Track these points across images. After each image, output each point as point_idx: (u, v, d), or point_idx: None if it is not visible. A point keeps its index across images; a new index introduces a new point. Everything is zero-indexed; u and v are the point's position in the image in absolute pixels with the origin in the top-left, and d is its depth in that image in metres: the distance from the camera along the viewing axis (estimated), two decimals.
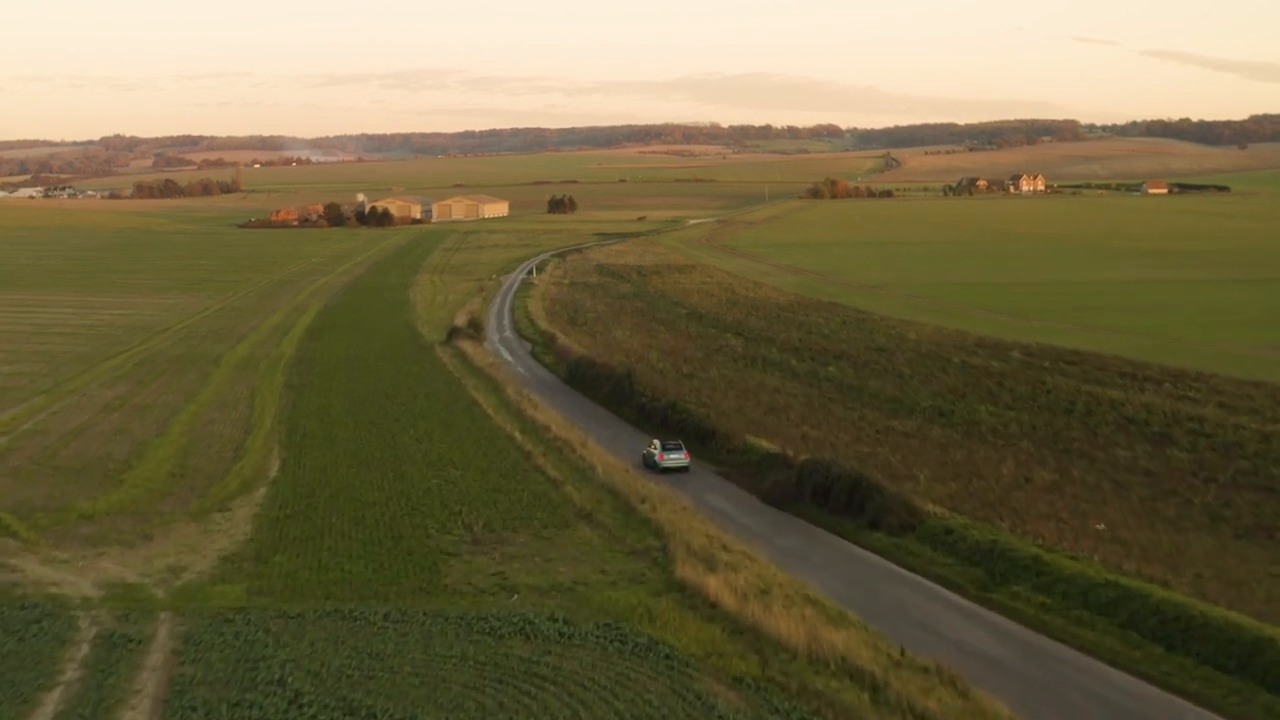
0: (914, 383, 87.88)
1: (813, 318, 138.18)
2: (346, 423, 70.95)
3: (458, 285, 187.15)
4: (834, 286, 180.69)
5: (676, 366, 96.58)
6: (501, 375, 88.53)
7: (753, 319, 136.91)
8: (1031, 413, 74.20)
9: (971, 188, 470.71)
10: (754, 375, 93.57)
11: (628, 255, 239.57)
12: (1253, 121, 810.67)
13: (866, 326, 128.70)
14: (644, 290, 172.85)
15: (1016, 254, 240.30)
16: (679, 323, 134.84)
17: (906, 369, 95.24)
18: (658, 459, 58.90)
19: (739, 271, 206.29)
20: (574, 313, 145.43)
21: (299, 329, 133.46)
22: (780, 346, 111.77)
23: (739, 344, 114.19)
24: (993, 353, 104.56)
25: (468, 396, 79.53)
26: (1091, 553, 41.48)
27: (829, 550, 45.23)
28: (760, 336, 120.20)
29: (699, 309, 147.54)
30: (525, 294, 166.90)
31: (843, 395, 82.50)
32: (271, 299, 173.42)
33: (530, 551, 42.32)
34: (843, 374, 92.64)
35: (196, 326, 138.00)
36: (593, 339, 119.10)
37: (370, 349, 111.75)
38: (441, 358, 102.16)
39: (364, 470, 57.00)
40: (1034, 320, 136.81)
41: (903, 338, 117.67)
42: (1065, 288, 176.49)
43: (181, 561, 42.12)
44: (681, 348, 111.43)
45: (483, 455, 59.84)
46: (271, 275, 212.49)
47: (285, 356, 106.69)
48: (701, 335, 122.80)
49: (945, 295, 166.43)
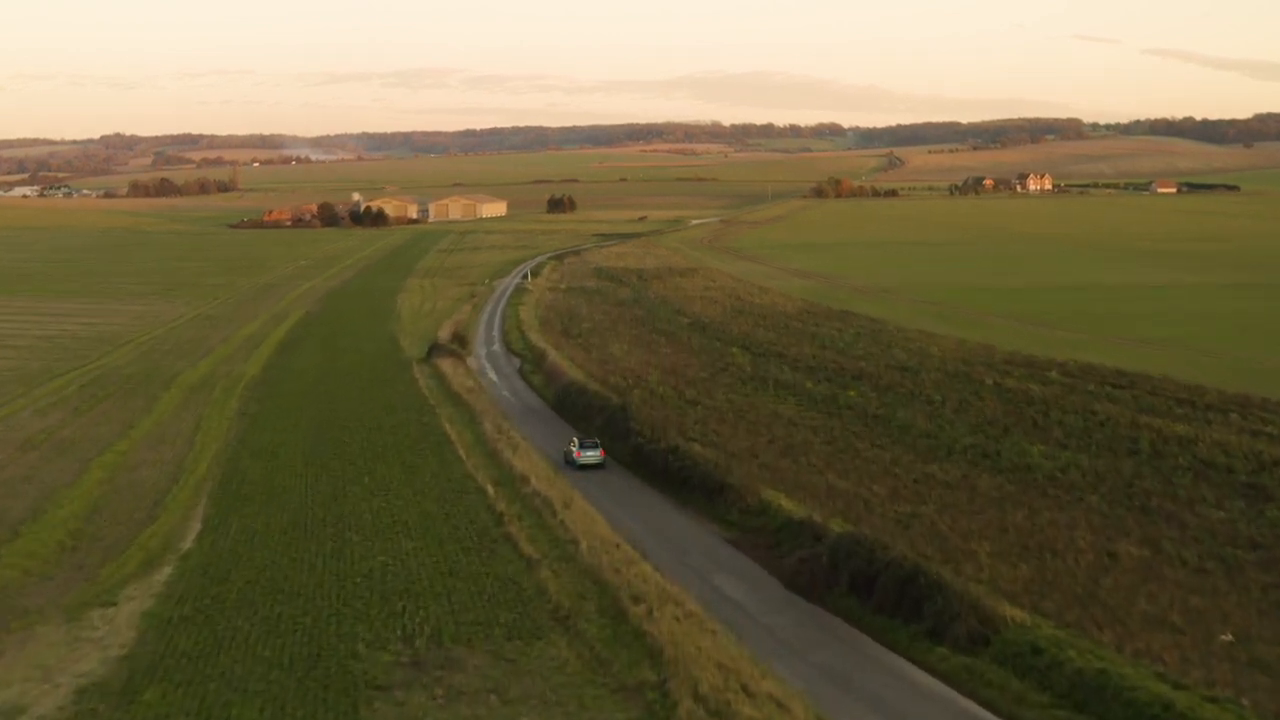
0: (947, 412, 77.04)
1: (824, 328, 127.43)
2: (294, 467, 60.17)
3: (448, 291, 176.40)
4: (843, 292, 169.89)
5: (678, 390, 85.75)
6: (481, 403, 77.64)
7: (760, 330, 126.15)
8: (1091, 454, 63.33)
9: (977, 187, 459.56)
10: (765, 401, 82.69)
11: (627, 257, 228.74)
12: (1257, 120, 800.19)
13: (883, 339, 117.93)
14: (644, 296, 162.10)
15: (1029, 255, 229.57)
16: (681, 334, 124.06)
17: (935, 393, 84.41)
18: (575, 456, 62.46)
19: (743, 275, 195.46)
20: (569, 322, 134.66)
21: (272, 341, 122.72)
22: (792, 364, 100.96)
23: (746, 361, 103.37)
24: (1028, 372, 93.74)
25: (440, 430, 68.72)
26: (1233, 689, 30.67)
27: (879, 673, 34.22)
28: (769, 351, 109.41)
29: (702, 318, 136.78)
30: (518, 301, 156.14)
31: (868, 429, 71.60)
32: (252, 305, 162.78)
33: (484, 683, 31.43)
34: (865, 400, 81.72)
35: (164, 338, 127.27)
36: (587, 355, 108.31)
37: (343, 366, 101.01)
38: (419, 378, 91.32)
39: (298, 541, 46.19)
40: (1060, 330, 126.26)
41: (925, 353, 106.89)
42: (1085, 293, 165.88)
43: (22, 698, 31.33)
44: (684, 365, 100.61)
45: (445, 517, 49.04)
46: (257, 279, 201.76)
47: (247, 376, 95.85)
48: (705, 349, 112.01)
49: (961, 301, 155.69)
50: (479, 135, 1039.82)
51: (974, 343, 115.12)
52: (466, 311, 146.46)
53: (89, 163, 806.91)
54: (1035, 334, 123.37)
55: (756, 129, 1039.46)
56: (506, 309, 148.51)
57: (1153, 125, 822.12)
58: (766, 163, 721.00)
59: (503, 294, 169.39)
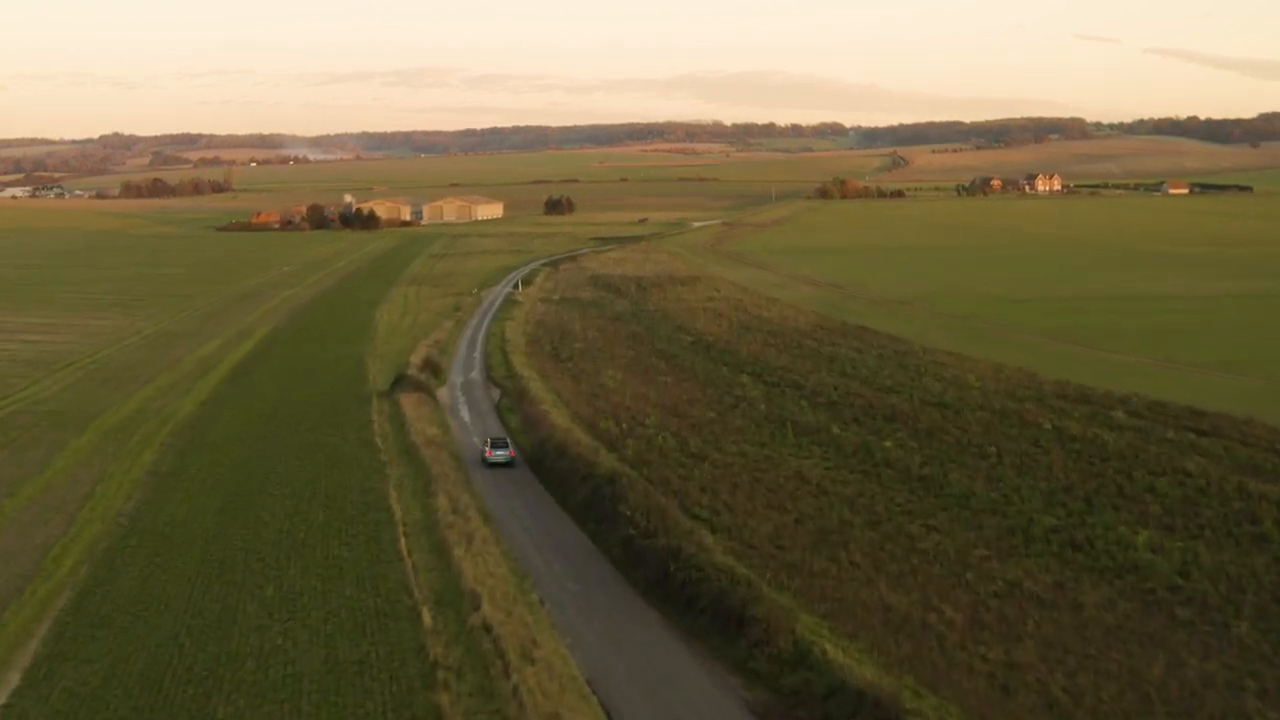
0: (1008, 471, 62.63)
1: (842, 349, 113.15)
2: (183, 567, 45.83)
3: (433, 302, 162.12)
4: (858, 303, 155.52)
5: (681, 438, 71.35)
6: (442, 461, 63.10)
7: (771, 351, 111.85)
8: (1206, 542, 48.88)
9: (985, 187, 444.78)
10: (785, 453, 68.19)
11: (626, 264, 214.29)
12: (1262, 120, 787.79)
13: (911, 364, 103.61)
14: (643, 309, 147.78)
15: (1048, 261, 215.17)
16: (683, 356, 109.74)
17: (986, 441, 70.04)
18: (486, 455, 65.49)
19: (749, 284, 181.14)
20: (559, 341, 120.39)
21: (226, 365, 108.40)
22: (811, 397, 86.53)
23: (759, 393, 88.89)
24: (1088, 412, 79.36)
25: (383, 503, 54.36)
26: None
27: None
28: (784, 380, 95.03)
29: (706, 336, 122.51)
30: (506, 315, 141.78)
31: (917, 498, 57.14)
32: (219, 319, 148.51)
33: None
34: (906, 453, 67.26)
35: (109, 361, 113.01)
36: (576, 385, 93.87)
37: (293, 402, 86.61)
38: (376, 420, 76.88)
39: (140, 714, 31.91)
40: (1105, 351, 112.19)
41: (962, 383, 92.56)
42: (1118, 303, 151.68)
43: None
44: (687, 401, 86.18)
45: (357, 669, 34.70)
46: (233, 287, 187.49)
47: (180, 416, 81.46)
48: (711, 377, 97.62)
49: (986, 314, 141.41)
50: (479, 135, 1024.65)
51: (1012, 368, 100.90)
52: (448, 328, 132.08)
53: (86, 163, 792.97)
54: (1079, 357, 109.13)
55: (758, 128, 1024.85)
56: (492, 325, 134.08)
57: (1157, 125, 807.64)
58: (768, 162, 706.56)
59: (490, 306, 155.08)
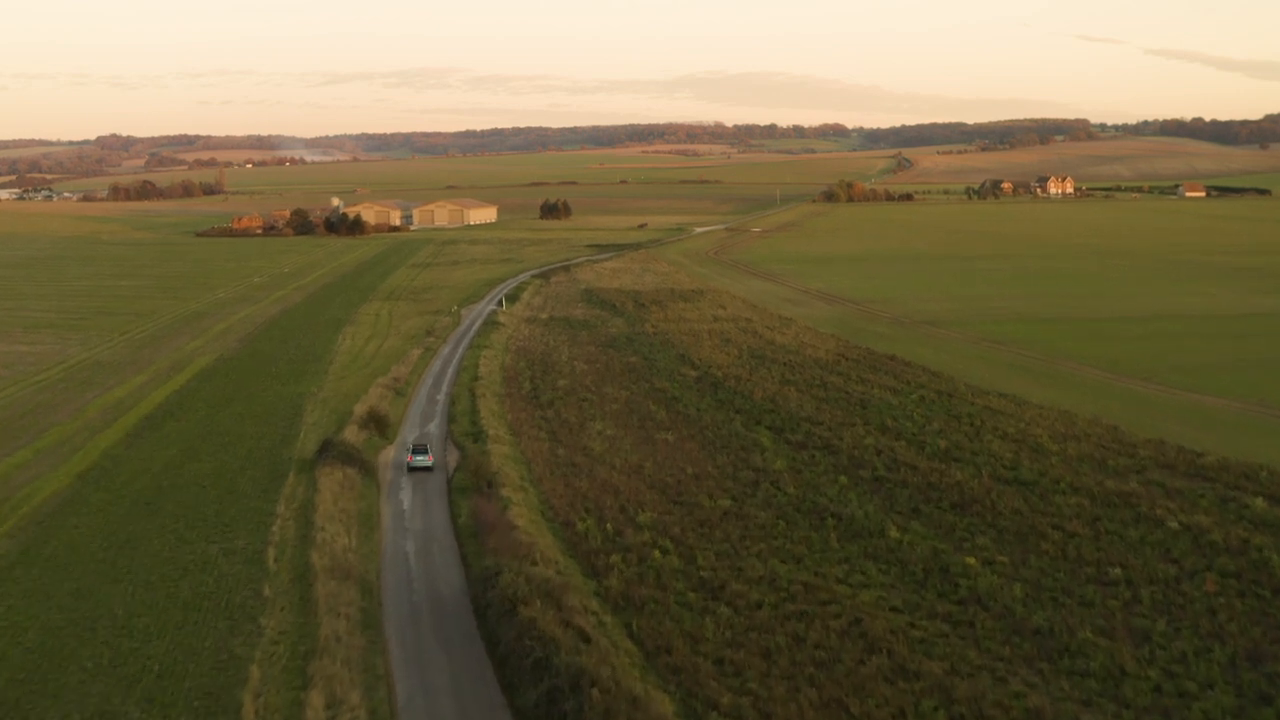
0: (1152, 614, 43.15)
1: (875, 388, 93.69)
2: None
3: (406, 322, 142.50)
4: (880, 324, 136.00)
5: (685, 552, 51.64)
6: (343, 607, 43.19)
7: (792, 392, 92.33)
8: None
9: (996, 190, 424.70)
10: (833, 581, 48.31)
11: (623, 275, 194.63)
12: (1269, 121, 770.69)
13: (962, 412, 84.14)
14: (640, 332, 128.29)
15: (1078, 272, 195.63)
16: (686, 400, 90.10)
17: (1105, 555, 50.45)
18: (407, 460, 67.96)
19: (759, 299, 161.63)
20: (541, 377, 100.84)
21: (136, 414, 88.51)
22: (852, 469, 66.92)
23: (784, 462, 69.25)
24: (1217, 496, 59.93)
25: (233, 698, 34.86)
26: None
27: None
28: (812, 438, 75.52)
29: (713, 369, 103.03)
30: (485, 341, 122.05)
31: (1042, 678, 37.63)
32: (159, 345, 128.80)
33: None
34: (999, 580, 47.46)
35: (6, 403, 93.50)
36: (553, 450, 74.14)
37: (189, 478, 66.75)
38: (280, 517, 57.07)
39: None
40: (1182, 391, 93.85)
41: (1035, 445, 73.09)
42: (1176, 324, 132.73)
43: None
44: (694, 477, 66.46)
45: None
46: (191, 303, 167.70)
47: (36, 499, 61.70)
48: (722, 434, 77.94)
49: (1028, 339, 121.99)
50: (479, 136, 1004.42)
51: (1085, 419, 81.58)
52: (415, 359, 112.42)
53: (81, 164, 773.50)
54: (1158, 401, 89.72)
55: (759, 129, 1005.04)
56: (467, 355, 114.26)
57: (1164, 125, 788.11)
58: (771, 164, 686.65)
59: (469, 328, 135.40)
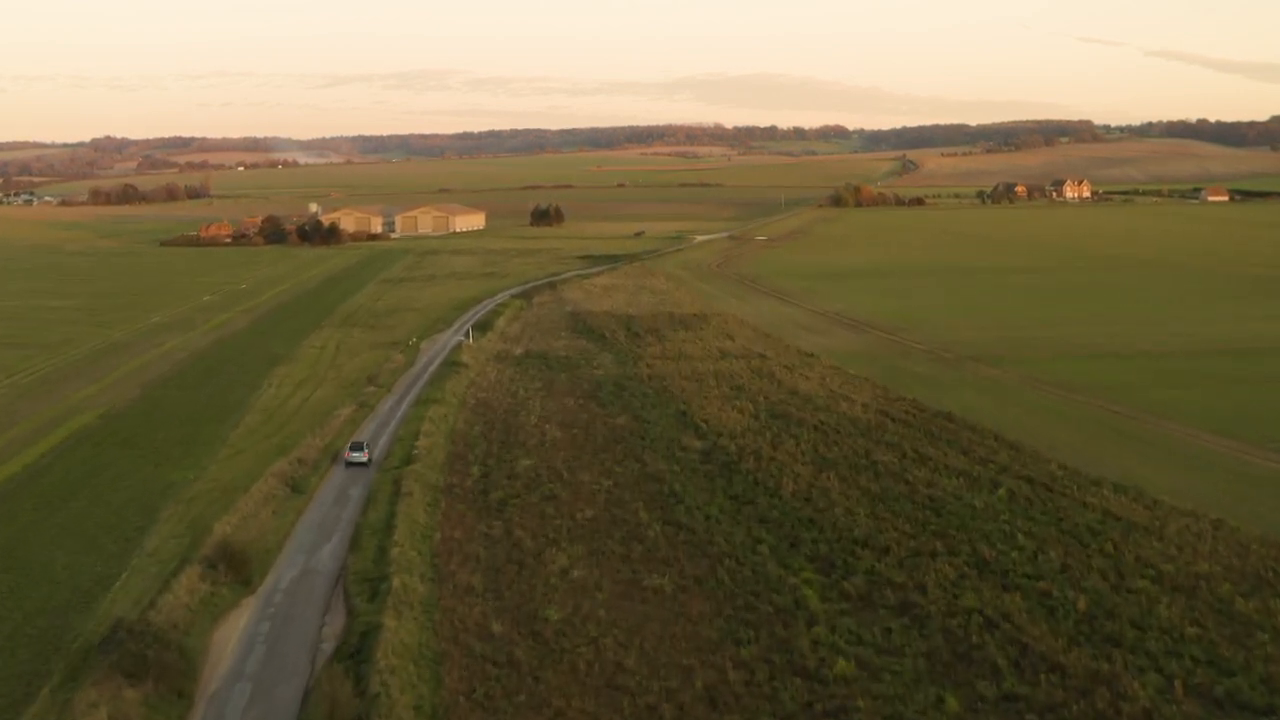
0: None
1: (943, 474, 67.77)
2: None
3: (350, 362, 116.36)
4: (921, 362, 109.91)
5: None
6: None
7: (833, 481, 66.25)
8: None
9: (1010, 194, 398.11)
10: None
11: (616, 294, 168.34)
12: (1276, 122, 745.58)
13: (1079, 524, 58.18)
14: (632, 375, 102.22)
15: (1127, 288, 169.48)
16: (691, 499, 63.80)
17: None
18: (345, 456, 72.35)
19: (771, 325, 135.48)
20: (499, 454, 74.62)
21: None
22: (957, 671, 41.00)
23: (848, 651, 43.17)
24: None
25: None
26: None
27: None
28: (877, 587, 49.54)
29: (724, 438, 76.85)
30: (437, 391, 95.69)
31: None
32: (46, 391, 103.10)
33: None
34: None
35: None
36: (483, 615, 47.82)
37: None
38: None
39: None
40: None
41: (1217, 598, 47.17)
42: (1268, 360, 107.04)
43: None
44: (702, 688, 40.31)
45: None
46: (114, 332, 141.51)
47: None
48: (743, 579, 51.57)
49: (1111, 382, 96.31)
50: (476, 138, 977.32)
51: (1254, 536, 55.48)
52: (342, 420, 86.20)
53: (73, 166, 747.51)
54: None
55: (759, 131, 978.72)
56: (410, 413, 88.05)
57: (1170, 127, 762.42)
58: (772, 166, 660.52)
59: (425, 369, 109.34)
